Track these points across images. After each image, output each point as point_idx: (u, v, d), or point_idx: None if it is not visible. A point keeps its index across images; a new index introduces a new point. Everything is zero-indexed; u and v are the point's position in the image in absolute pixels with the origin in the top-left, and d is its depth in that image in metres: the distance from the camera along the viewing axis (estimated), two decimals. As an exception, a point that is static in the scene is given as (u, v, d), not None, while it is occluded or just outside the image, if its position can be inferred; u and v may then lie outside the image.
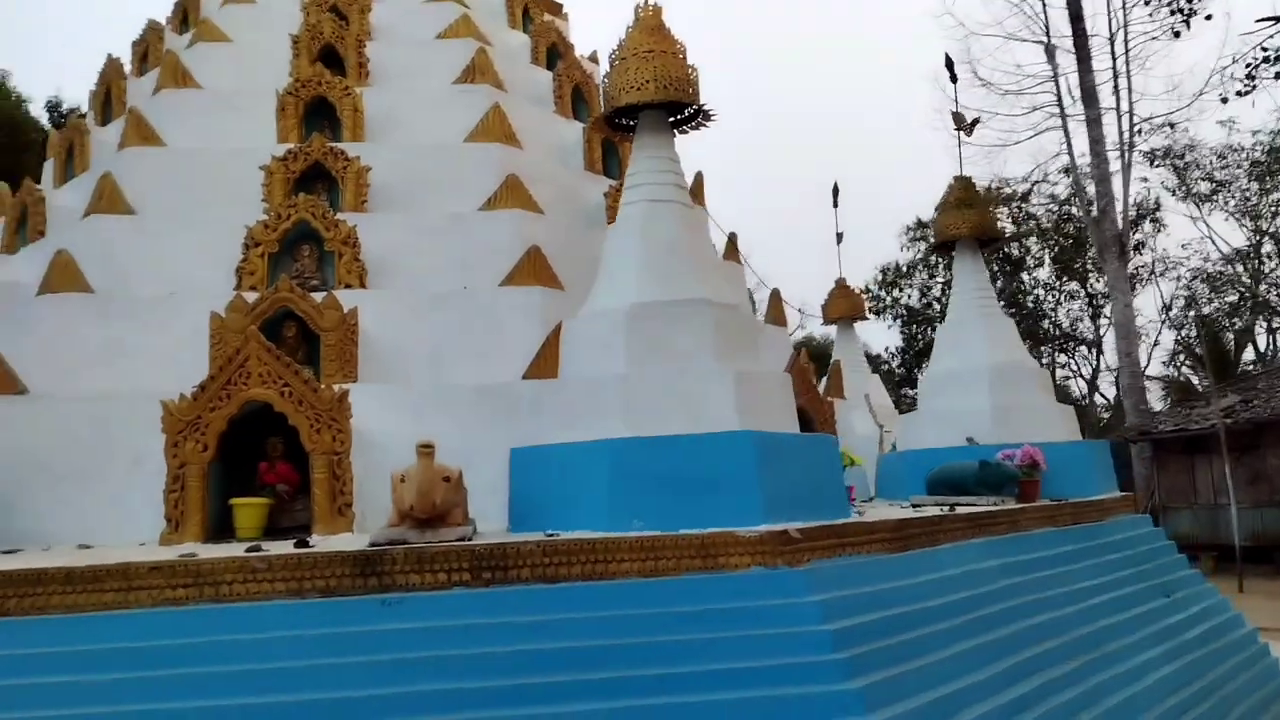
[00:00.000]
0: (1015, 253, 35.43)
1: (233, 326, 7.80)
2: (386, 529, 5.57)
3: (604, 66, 6.95)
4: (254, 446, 7.25)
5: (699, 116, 6.97)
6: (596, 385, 6.05)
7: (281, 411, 6.90)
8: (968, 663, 5.83)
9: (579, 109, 11.31)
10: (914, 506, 8.74)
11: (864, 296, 17.02)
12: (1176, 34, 19.73)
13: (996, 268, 34.77)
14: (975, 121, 11.47)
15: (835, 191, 16.53)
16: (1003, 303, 35.10)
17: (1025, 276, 36.48)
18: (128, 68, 11.43)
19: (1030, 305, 36.41)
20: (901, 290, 38.54)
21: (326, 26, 10.06)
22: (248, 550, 5.52)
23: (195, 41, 10.56)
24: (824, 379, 12.68)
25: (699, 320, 6.07)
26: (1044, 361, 35.65)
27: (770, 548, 5.34)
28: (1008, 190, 33.30)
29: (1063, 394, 31.19)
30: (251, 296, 8.01)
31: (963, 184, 10.92)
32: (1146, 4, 23.96)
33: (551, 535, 5.59)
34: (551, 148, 10.44)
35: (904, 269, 38.08)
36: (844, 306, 16.44)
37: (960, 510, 7.50)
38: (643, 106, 6.67)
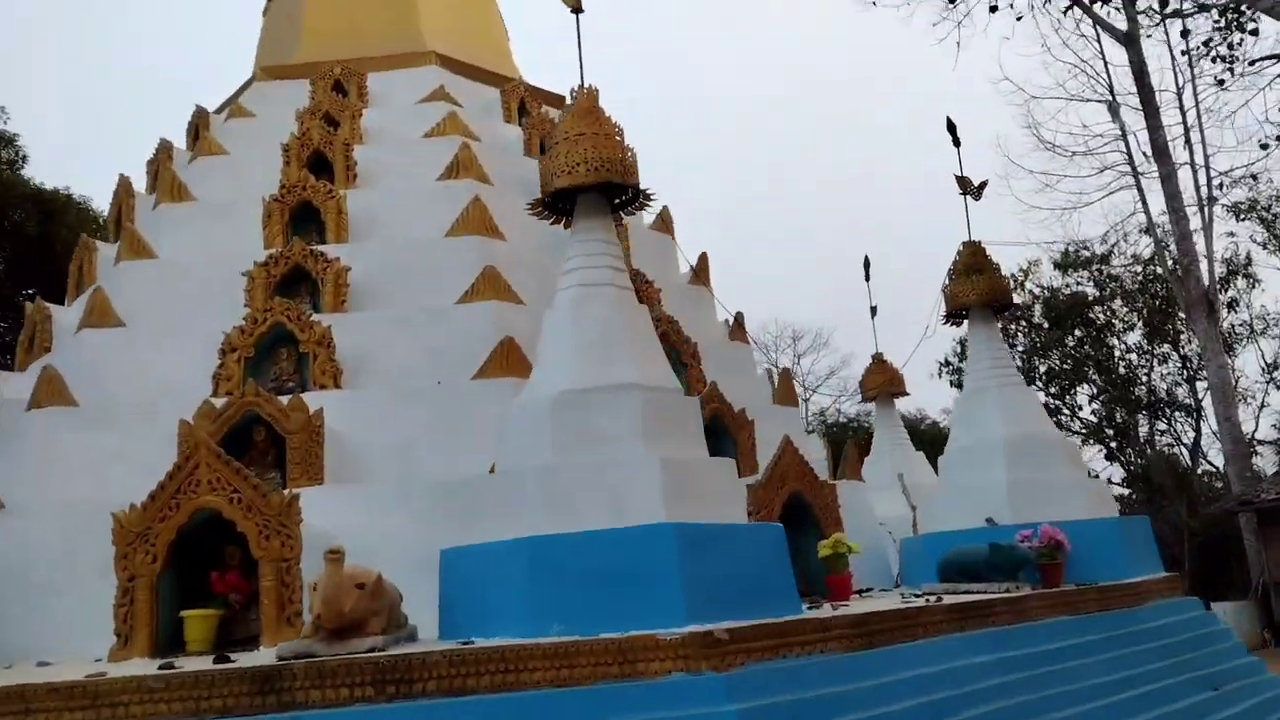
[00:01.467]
0: (1100, 317, 34.15)
1: (200, 433, 7.78)
2: (295, 642, 5.33)
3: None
4: (213, 555, 7.14)
5: (638, 197, 6.79)
6: (522, 477, 5.78)
7: (230, 519, 6.78)
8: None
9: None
10: (925, 595, 8.15)
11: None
12: (1220, 82, 19.00)
13: (1081, 333, 33.60)
14: (983, 185, 11.02)
15: (867, 265, 16.13)
16: (1089, 369, 33.94)
17: (1115, 341, 35.06)
18: (143, 185, 11.86)
19: (1122, 371, 34.87)
20: None
21: (315, 133, 10.28)
22: (166, 667, 5.35)
23: (195, 156, 10.92)
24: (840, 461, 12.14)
25: (626, 406, 5.77)
26: (1141, 430, 33.95)
27: (693, 651, 4.92)
28: (1086, 253, 32.23)
29: (1168, 464, 29.57)
30: (223, 402, 7.99)
31: (971, 249, 10.46)
32: (1210, 57, 23.24)
33: (466, 643, 5.27)
34: (541, 236, 10.37)
35: None
36: (880, 381, 15.83)
37: (950, 600, 6.91)
38: (578, 190, 6.51)
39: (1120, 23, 24.88)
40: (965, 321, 10.50)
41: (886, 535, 11.08)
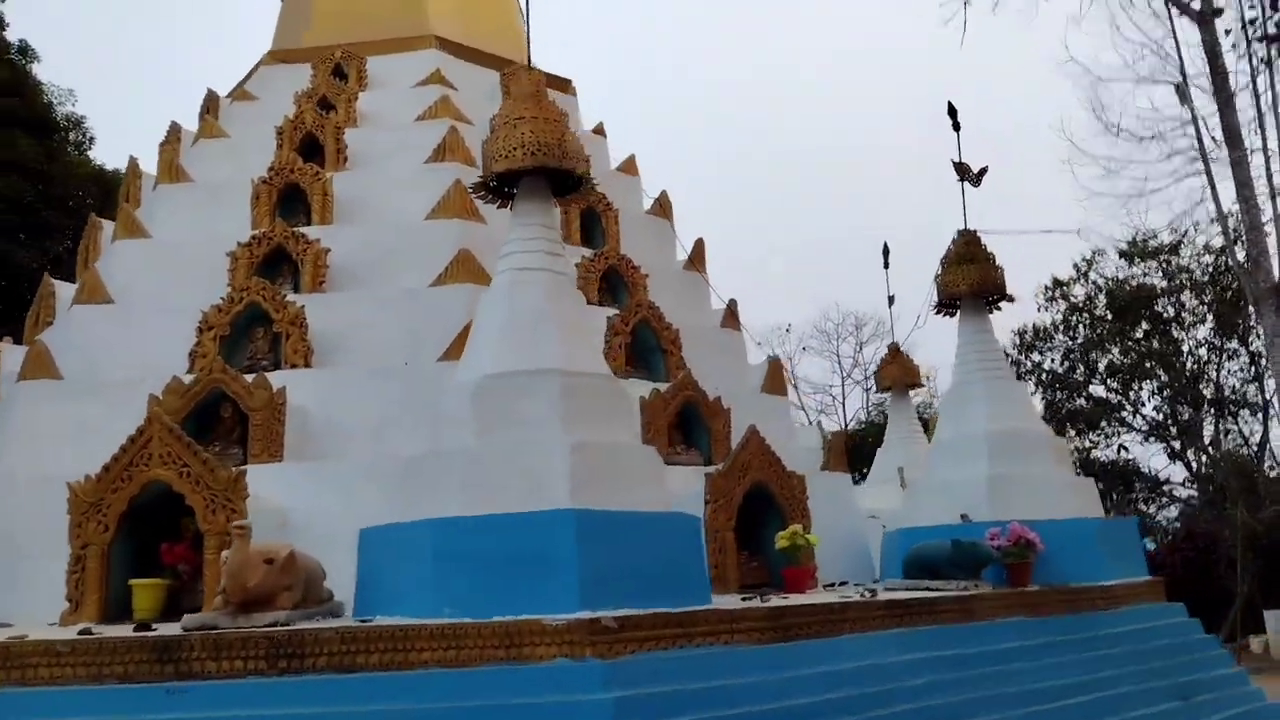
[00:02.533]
0: (1168, 311, 33.04)
1: (168, 409, 7.98)
2: (201, 614, 5.46)
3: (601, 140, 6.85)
4: (171, 528, 7.33)
5: (582, 183, 6.76)
6: (441, 460, 5.83)
7: (179, 492, 6.96)
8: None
9: (568, 182, 11.26)
10: (884, 590, 8.03)
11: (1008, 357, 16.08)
12: (1267, 62, 18.15)
13: (1147, 326, 32.58)
14: (983, 171, 10.72)
15: (886, 253, 15.87)
16: (1153, 363, 32.82)
17: (1182, 335, 33.86)
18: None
19: (1189, 366, 33.69)
20: (1041, 354, 36.58)
21: (308, 116, 10.44)
22: (135, 630, 5.53)
23: (198, 139, 11.16)
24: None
25: (546, 390, 5.77)
26: (1206, 429, 32.80)
27: (578, 637, 4.92)
28: (1154, 243, 31.18)
29: (1236, 464, 28.50)
30: (192, 379, 8.18)
31: (965, 238, 10.21)
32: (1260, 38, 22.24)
33: (366, 621, 5.34)
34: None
35: (1043, 331, 36.14)
36: (896, 373, 15.59)
37: (887, 596, 6.79)
38: (518, 174, 6.51)
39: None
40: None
41: (878, 528, 10.92)
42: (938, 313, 10.43)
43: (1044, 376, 35.74)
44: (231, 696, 4.93)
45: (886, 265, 16.00)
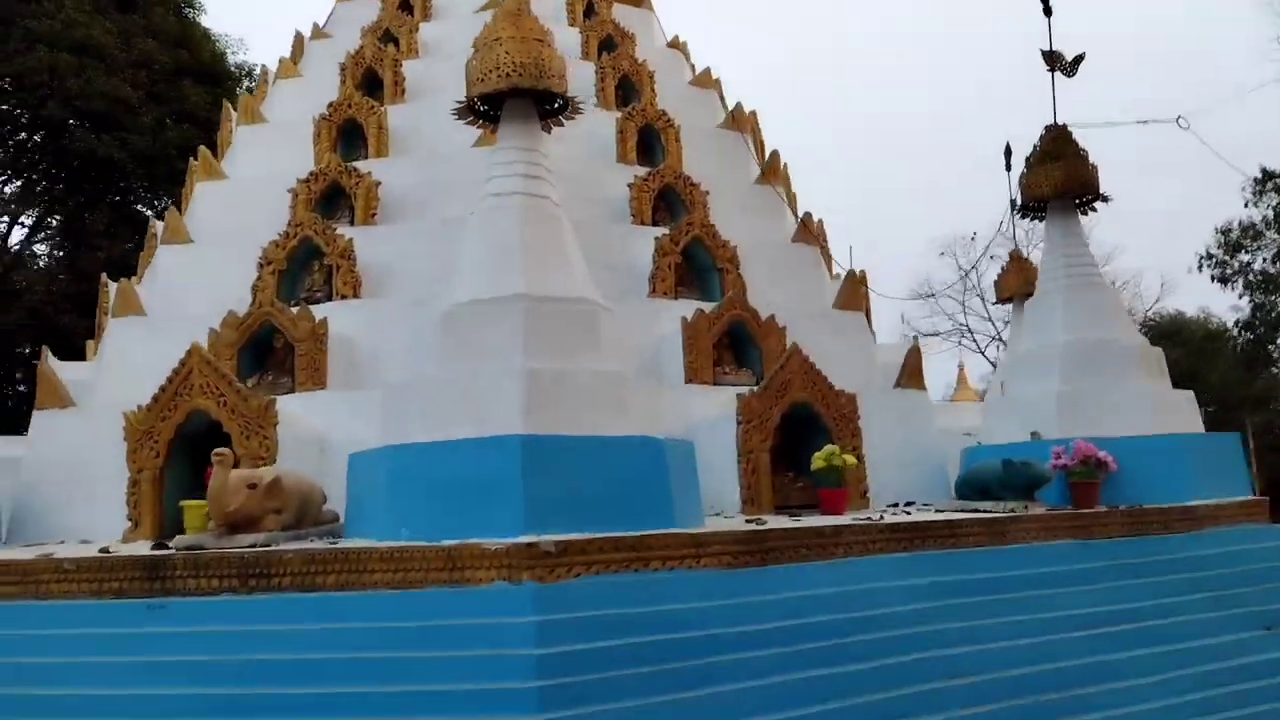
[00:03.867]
0: None
1: (225, 342, 8.44)
2: (191, 535, 5.79)
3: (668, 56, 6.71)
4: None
5: (567, 107, 6.57)
6: (409, 389, 5.90)
7: (217, 419, 7.38)
8: (794, 695, 5.02)
9: (631, 99, 10.98)
10: (935, 512, 7.65)
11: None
12: None
13: None
14: (1079, 59, 9.70)
15: (1008, 154, 14.76)
16: None
17: None
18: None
19: None
20: (1249, 253, 33.41)
21: (369, 51, 10.58)
22: (152, 549, 5.97)
23: (276, 79, 11.54)
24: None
25: (508, 317, 5.70)
26: None
27: (516, 561, 4.91)
28: None
29: None
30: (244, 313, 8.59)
31: (1052, 134, 9.34)
32: None
33: (333, 543, 5.52)
34: (579, 143, 10.25)
35: (1252, 227, 32.95)
36: (1017, 283, 14.59)
37: (892, 519, 6.42)
38: (496, 96, 6.38)
39: None
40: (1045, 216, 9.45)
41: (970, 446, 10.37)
42: (1023, 217, 9.63)
43: (1252, 278, 32.71)
44: (206, 612, 5.21)
45: (1009, 167, 14.91)
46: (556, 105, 6.66)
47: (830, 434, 8.18)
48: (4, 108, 21.83)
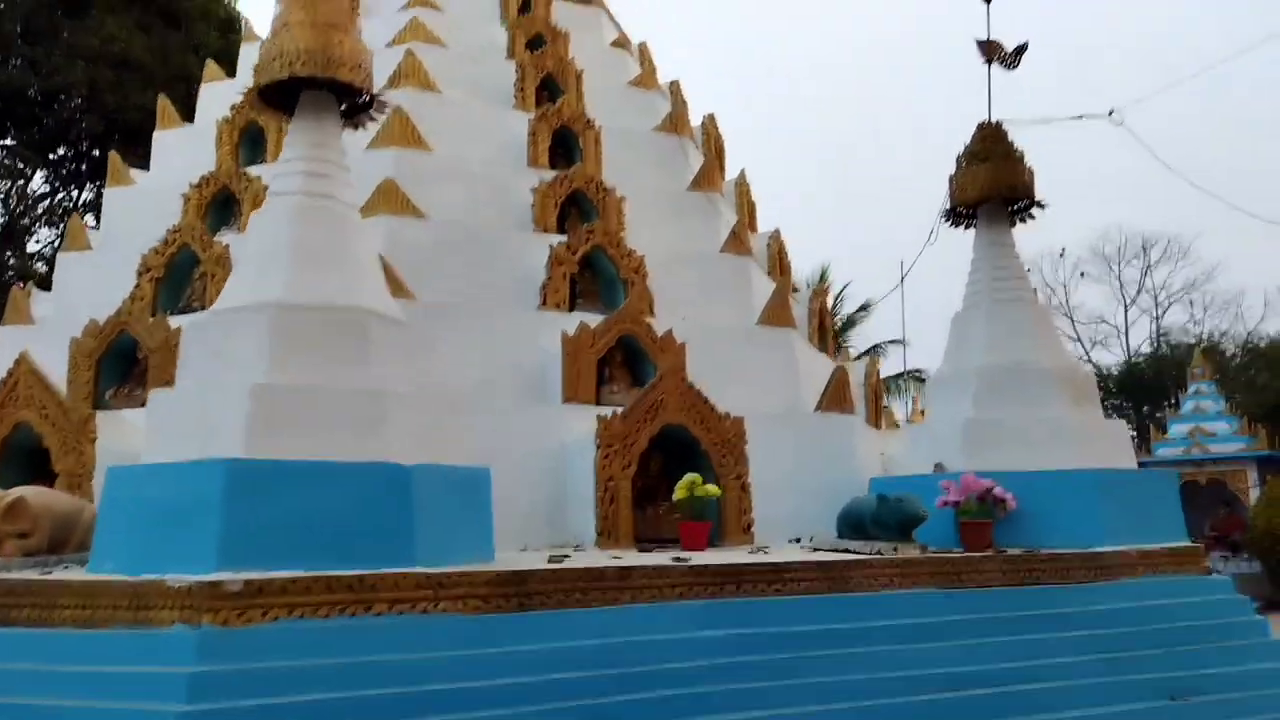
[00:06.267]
0: None
1: (84, 350, 8.14)
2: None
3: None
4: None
5: (370, 104, 6.07)
6: (155, 405, 5.43)
7: (39, 432, 7.02)
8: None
9: (557, 98, 10.41)
10: (809, 551, 6.91)
11: None
12: None
13: None
14: (1021, 49, 8.80)
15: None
16: None
17: None
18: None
19: None
20: None
21: (281, 52, 10.27)
22: None
23: (205, 81, 11.36)
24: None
25: (252, 328, 5.18)
26: None
27: (198, 601, 4.37)
28: None
29: None
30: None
31: (982, 133, 8.48)
32: None
33: (46, 573, 5.07)
34: (489, 144, 9.74)
35: None
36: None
37: (700, 561, 5.68)
38: (279, 87, 5.89)
39: None
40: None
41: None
42: (953, 224, 8.76)
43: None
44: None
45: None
46: (363, 100, 6.13)
47: (711, 461, 7.49)
48: (48, 122, 22.34)
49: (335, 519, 4.78)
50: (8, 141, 22.27)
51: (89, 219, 21.11)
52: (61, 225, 23.35)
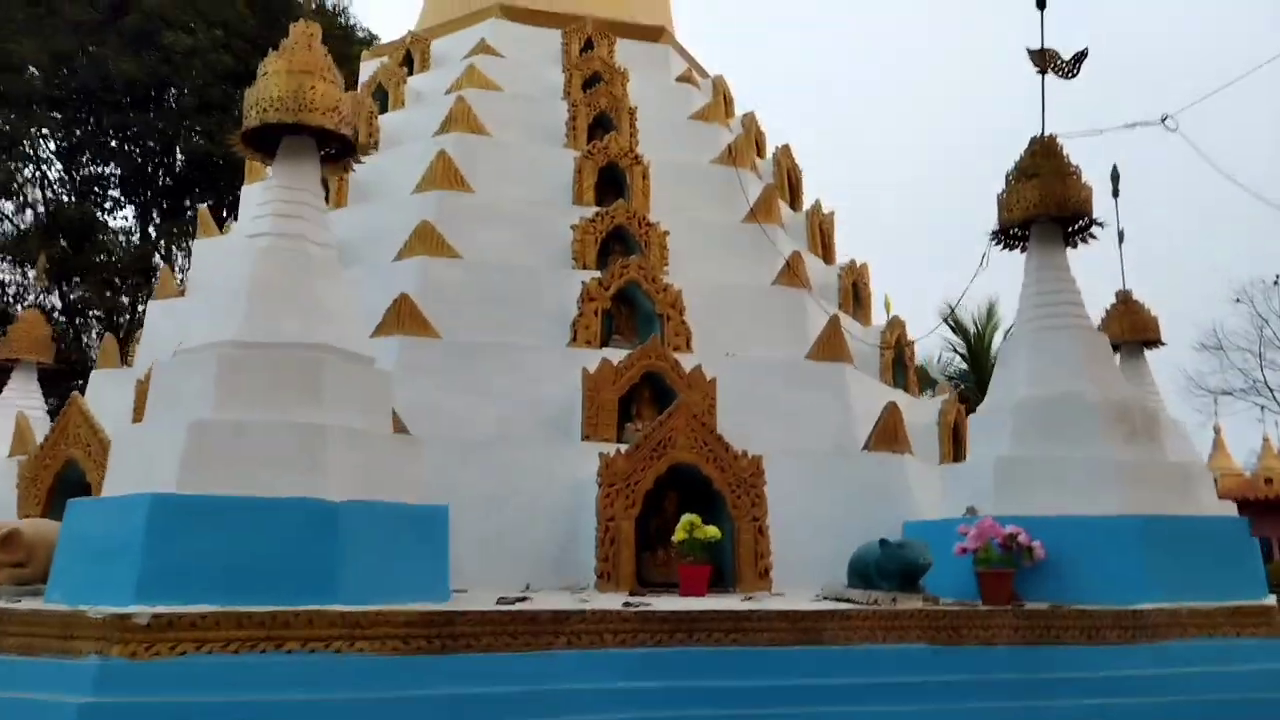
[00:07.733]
0: None
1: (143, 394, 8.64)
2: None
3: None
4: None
5: (354, 150, 6.21)
6: (119, 441, 5.66)
7: (84, 469, 7.49)
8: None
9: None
10: (822, 598, 6.52)
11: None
12: None
13: None
14: (1080, 57, 8.10)
15: (1115, 179, 12.85)
16: None
17: None
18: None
19: None
20: None
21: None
22: None
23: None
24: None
25: (204, 366, 5.33)
26: None
27: (111, 634, 4.48)
28: None
29: None
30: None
31: (1034, 148, 7.86)
32: None
33: (14, 602, 5.33)
34: (537, 184, 9.81)
35: None
36: (1125, 327, 12.53)
37: (642, 608, 5.36)
38: (264, 132, 6.10)
39: None
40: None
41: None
42: (1003, 247, 8.12)
43: None
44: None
45: (1116, 194, 12.99)
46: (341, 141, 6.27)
47: (727, 503, 7.18)
48: (134, 129, 23.82)
49: (259, 554, 4.82)
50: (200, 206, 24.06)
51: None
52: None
